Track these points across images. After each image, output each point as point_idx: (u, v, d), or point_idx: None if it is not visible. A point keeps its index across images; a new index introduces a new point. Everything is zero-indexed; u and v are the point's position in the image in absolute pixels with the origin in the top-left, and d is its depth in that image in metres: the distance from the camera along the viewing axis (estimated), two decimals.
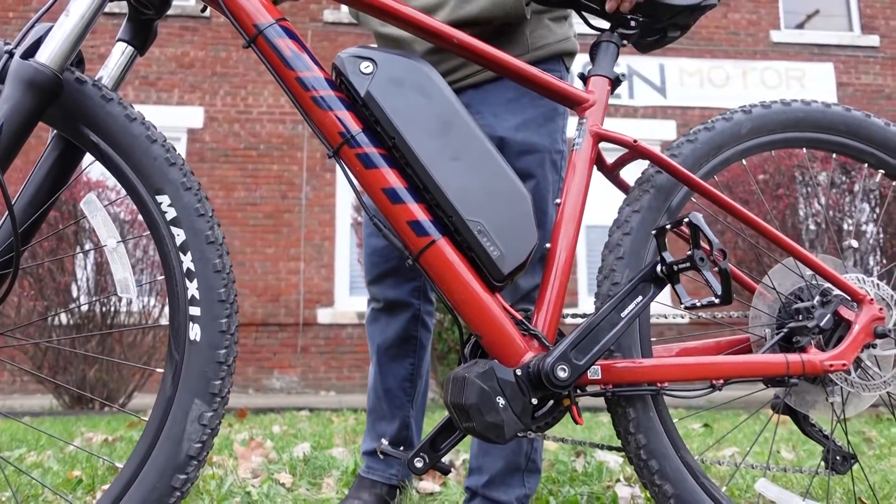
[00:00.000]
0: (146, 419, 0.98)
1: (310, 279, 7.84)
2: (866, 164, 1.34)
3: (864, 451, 2.49)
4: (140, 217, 5.11)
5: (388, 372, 1.64)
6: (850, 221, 4.71)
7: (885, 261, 4.60)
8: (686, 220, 1.07)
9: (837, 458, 1.21)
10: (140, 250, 5.34)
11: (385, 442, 1.17)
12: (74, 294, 5.56)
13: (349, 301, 7.88)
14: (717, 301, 1.04)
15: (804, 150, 1.32)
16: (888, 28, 9.13)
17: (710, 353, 1.23)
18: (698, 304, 1.05)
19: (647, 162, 1.23)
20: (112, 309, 5.49)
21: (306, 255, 7.88)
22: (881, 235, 4.64)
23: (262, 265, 7.79)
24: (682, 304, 1.06)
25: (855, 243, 4.61)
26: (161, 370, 1.00)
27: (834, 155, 1.35)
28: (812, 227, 4.73)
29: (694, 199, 1.26)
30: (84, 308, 5.30)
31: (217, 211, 5.80)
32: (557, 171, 1.46)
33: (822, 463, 1.22)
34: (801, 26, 9.21)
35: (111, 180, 5.18)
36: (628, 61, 8.58)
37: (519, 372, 1.05)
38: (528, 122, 1.42)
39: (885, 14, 9.17)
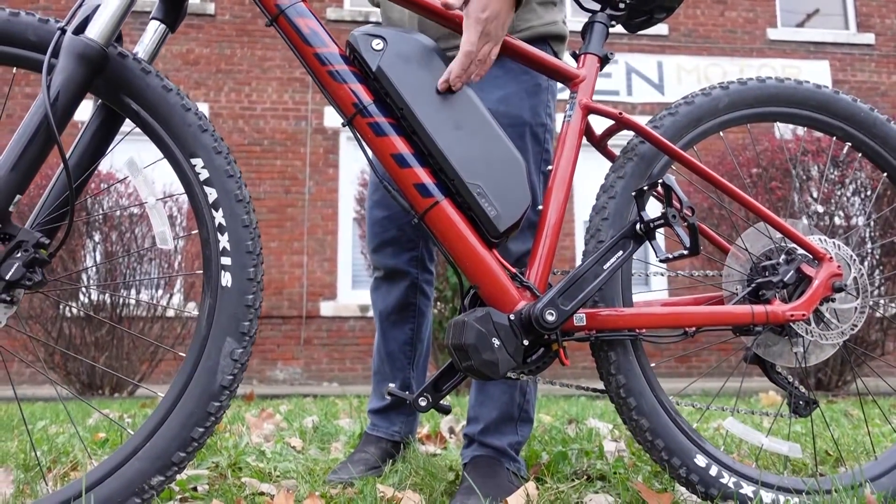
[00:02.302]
0: (161, 395, 1.09)
1: (312, 272, 7.97)
2: (834, 137, 1.45)
3: (843, 424, 2.61)
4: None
5: (390, 336, 1.76)
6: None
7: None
8: (660, 181, 1.19)
9: (800, 402, 1.33)
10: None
11: (392, 386, 1.29)
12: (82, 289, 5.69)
13: (351, 294, 8.01)
14: (686, 253, 1.16)
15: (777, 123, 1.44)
16: (884, 26, 9.25)
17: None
18: (671, 257, 1.17)
19: (633, 133, 1.35)
20: (121, 300, 5.62)
21: (309, 248, 8.00)
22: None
23: (265, 259, 7.90)
24: (657, 257, 1.18)
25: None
26: (184, 354, 1.11)
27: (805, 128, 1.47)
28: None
29: (674, 168, 1.38)
30: (94, 297, 5.43)
31: None
32: (539, 143, 1.53)
33: (786, 406, 1.34)
34: (801, 25, 9.33)
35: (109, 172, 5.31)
36: (627, 59, 8.71)
37: (512, 317, 1.18)
38: (510, 96, 1.50)
39: (881, 12, 9.29)
